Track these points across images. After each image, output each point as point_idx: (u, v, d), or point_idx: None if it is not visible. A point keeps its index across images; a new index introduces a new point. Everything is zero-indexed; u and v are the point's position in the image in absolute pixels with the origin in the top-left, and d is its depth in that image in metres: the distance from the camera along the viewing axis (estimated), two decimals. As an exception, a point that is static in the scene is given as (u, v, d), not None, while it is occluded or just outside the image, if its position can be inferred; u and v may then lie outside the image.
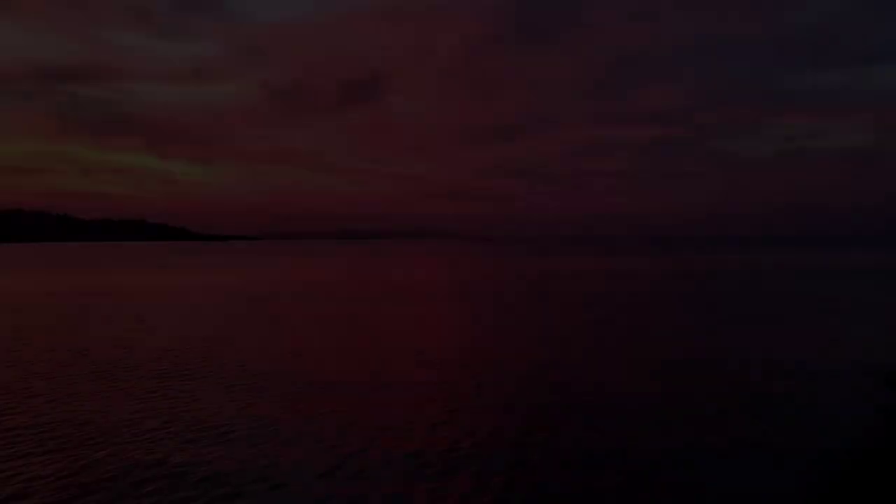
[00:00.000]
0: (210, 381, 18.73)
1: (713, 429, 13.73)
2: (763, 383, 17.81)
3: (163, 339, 26.49)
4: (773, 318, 31.60)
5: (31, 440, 13.19)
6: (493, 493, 10.52)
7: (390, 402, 16.20)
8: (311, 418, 14.80)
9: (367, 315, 34.86)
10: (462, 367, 20.50)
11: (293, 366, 20.81)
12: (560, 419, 14.57)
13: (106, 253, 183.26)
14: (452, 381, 18.44)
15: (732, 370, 19.61)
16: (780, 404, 15.53)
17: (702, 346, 24.10)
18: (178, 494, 10.40)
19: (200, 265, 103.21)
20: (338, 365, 20.98)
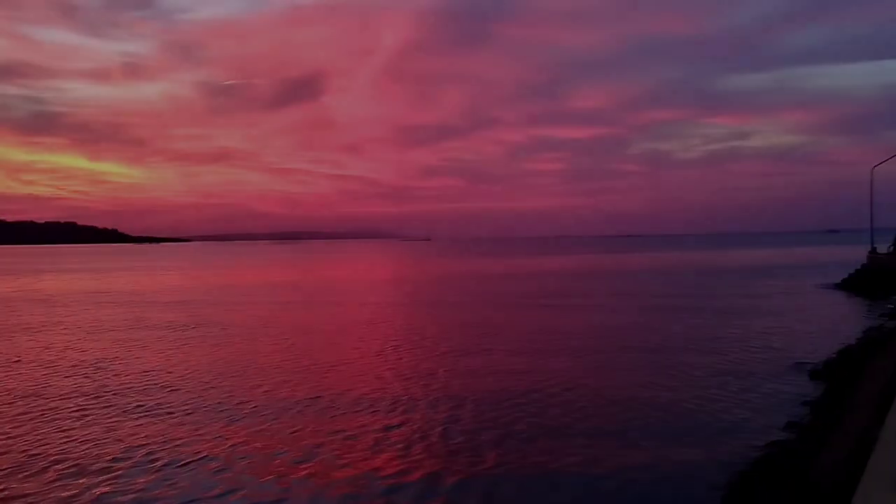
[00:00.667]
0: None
1: (647, 420, 13.94)
2: (693, 377, 18.13)
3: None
4: (702, 315, 32.40)
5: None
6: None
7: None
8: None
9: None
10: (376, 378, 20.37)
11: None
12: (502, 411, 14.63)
13: (17, 256, 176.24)
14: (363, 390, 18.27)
15: (662, 364, 19.98)
16: (712, 398, 15.76)
17: (633, 339, 24.66)
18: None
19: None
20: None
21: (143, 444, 12.80)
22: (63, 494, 10.35)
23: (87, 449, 12.58)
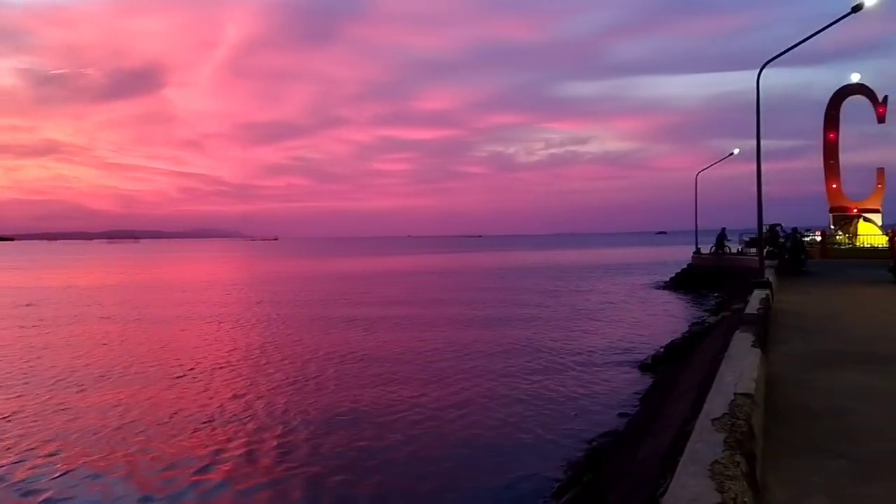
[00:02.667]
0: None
1: (480, 418, 14.10)
2: (526, 376, 18.60)
3: None
4: (537, 314, 33.45)
5: None
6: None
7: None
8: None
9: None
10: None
11: None
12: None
13: None
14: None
15: (497, 365, 20.37)
16: (547, 394, 16.18)
17: (470, 340, 24.95)
18: None
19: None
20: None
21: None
22: None
23: None
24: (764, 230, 31.84)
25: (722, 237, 44.27)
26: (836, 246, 40.56)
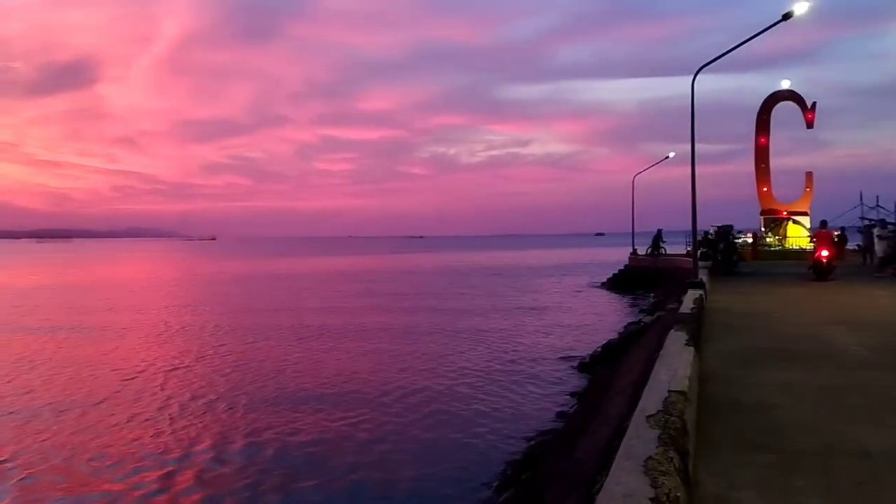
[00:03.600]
0: None
1: (425, 417, 14.12)
2: (465, 377, 18.67)
3: None
4: (476, 314, 33.62)
5: None
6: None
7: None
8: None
9: None
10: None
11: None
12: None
13: None
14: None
15: (435, 365, 20.39)
16: (485, 395, 16.24)
17: (409, 341, 24.98)
18: None
19: None
20: None
21: None
22: None
23: None
24: (713, 232, 33.73)
25: (658, 238, 45.18)
26: (766, 248, 41.79)
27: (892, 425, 6.32)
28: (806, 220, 42.66)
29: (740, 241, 37.96)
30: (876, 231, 30.97)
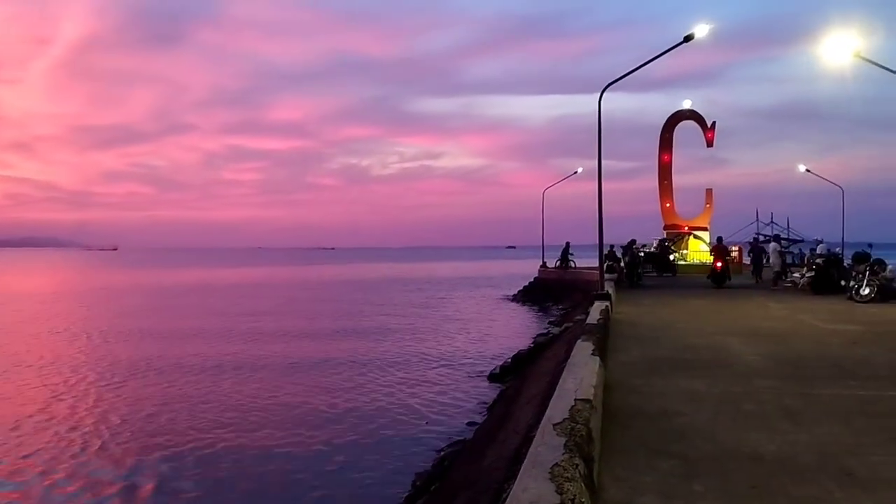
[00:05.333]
0: None
1: (337, 428, 14.00)
2: (376, 391, 18.55)
3: None
4: (392, 326, 33.54)
5: None
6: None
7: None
8: None
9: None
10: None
11: None
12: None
13: None
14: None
15: (346, 381, 20.26)
16: (398, 409, 16.15)
17: (319, 352, 24.73)
18: None
19: None
20: None
21: None
22: None
23: None
24: (654, 247, 37.12)
25: (566, 252, 46.05)
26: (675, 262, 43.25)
27: (783, 430, 6.60)
28: (706, 235, 44.31)
29: (672, 256, 39.28)
30: (772, 246, 32.64)
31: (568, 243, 46.36)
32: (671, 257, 37.76)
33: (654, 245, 39.74)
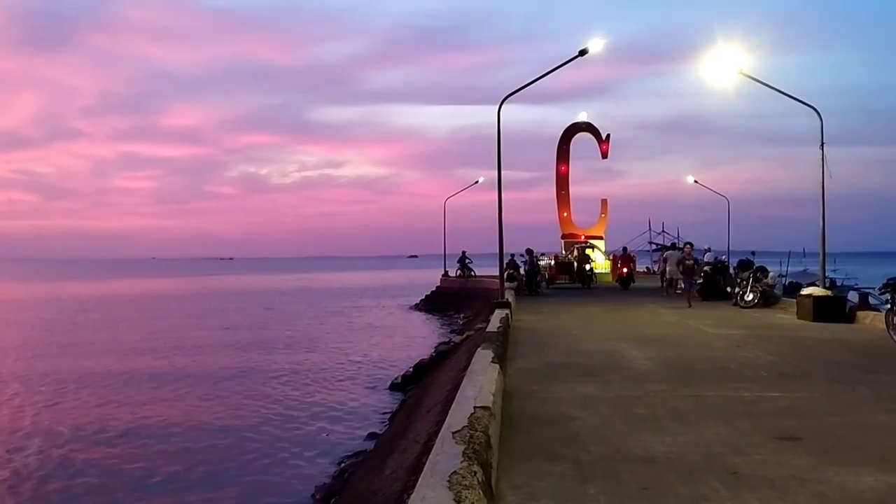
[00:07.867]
0: None
1: (234, 441, 13.70)
2: (276, 406, 18.08)
3: None
4: (291, 337, 33.03)
5: None
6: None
7: None
8: None
9: None
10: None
11: None
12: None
13: None
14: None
15: (247, 386, 19.89)
16: (298, 423, 15.83)
17: (214, 363, 24.12)
18: None
19: None
20: None
21: None
22: None
23: None
24: (574, 256, 37.92)
25: (462, 260, 46.42)
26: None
27: (672, 432, 6.87)
28: (601, 244, 45.63)
29: (543, 262, 40.01)
30: (668, 254, 33.96)
31: (464, 252, 46.72)
32: (587, 267, 35.91)
33: (574, 254, 39.01)
